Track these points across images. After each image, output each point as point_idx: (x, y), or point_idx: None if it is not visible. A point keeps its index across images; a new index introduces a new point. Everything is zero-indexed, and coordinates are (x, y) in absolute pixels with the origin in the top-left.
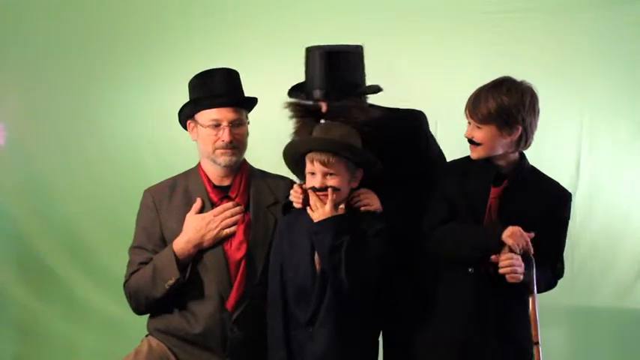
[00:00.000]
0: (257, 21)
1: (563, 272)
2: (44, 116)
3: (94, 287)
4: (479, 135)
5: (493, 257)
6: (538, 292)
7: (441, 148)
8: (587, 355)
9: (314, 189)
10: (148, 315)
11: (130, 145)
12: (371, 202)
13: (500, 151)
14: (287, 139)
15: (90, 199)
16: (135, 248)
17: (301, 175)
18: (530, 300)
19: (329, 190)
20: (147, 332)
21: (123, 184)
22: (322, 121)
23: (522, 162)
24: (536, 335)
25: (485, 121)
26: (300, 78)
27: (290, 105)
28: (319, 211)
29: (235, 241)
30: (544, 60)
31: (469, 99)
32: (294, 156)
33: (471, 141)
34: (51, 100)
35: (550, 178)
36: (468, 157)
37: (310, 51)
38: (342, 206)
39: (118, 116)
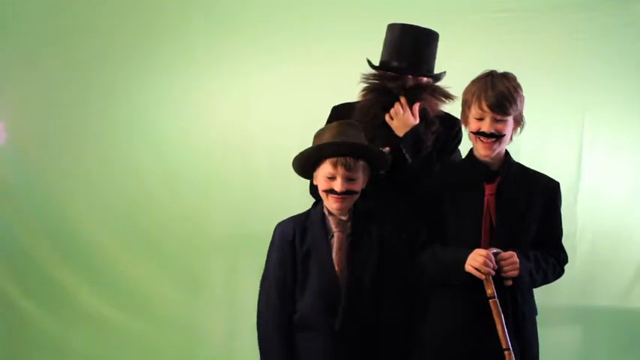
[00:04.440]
0: (258, 21)
1: (567, 258)
2: (44, 116)
3: (91, 288)
4: (502, 127)
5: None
6: (546, 282)
7: None
8: (588, 355)
9: (335, 192)
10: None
11: (130, 146)
12: None
13: (507, 144)
14: (295, 138)
15: (88, 200)
16: None
17: (306, 175)
18: (492, 305)
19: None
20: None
21: (121, 185)
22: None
23: (509, 158)
24: (505, 342)
25: (510, 112)
26: (300, 79)
27: (372, 76)
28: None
29: None
30: (544, 60)
31: (482, 92)
32: (314, 159)
33: (491, 135)
34: (51, 99)
35: (536, 171)
36: (455, 162)
37: (398, 26)
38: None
39: (117, 117)
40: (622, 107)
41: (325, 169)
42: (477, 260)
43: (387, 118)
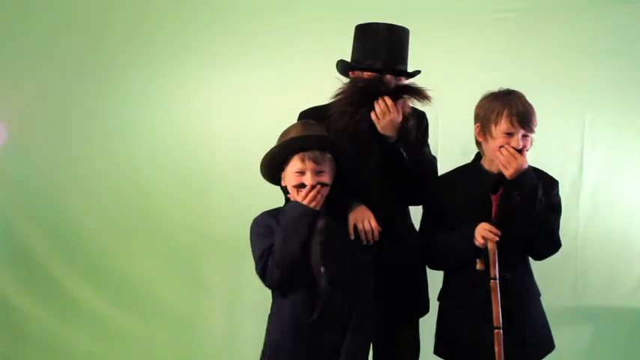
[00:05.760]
0: (253, 19)
1: (560, 242)
2: (44, 116)
3: (91, 289)
4: (527, 143)
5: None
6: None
7: (442, 144)
8: (591, 355)
9: (304, 186)
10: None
11: (129, 146)
12: None
13: None
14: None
15: (89, 200)
16: None
17: (274, 180)
18: (492, 285)
19: (318, 186)
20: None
21: (121, 184)
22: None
23: None
24: (497, 319)
25: (534, 130)
26: (299, 77)
27: (355, 79)
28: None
29: None
30: (545, 59)
31: (513, 109)
32: (282, 156)
33: (519, 150)
34: (51, 100)
35: (538, 170)
36: (460, 168)
37: (373, 25)
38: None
39: (117, 117)
40: (623, 107)
41: (294, 165)
42: (483, 228)
43: (373, 117)
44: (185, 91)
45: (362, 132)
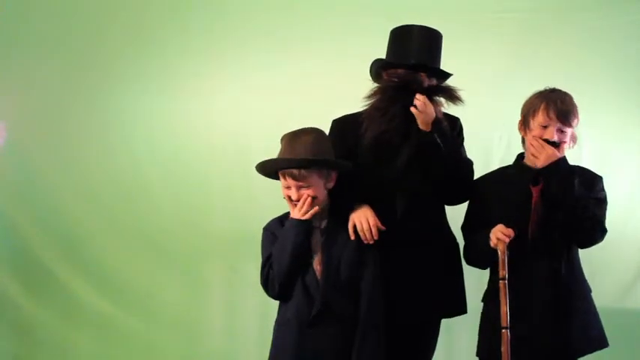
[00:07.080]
0: (254, 20)
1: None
2: (44, 116)
3: (92, 288)
4: (562, 137)
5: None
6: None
7: None
8: (588, 355)
9: (291, 200)
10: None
11: (129, 146)
12: None
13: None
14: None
15: (89, 200)
16: None
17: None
18: (501, 285)
19: (305, 195)
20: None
21: (121, 184)
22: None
23: None
24: (505, 319)
25: (572, 125)
26: (298, 76)
27: (390, 78)
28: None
29: None
30: (544, 59)
31: (551, 103)
32: (267, 173)
33: (553, 143)
34: (51, 100)
35: (578, 166)
36: (502, 168)
37: (408, 27)
38: (318, 208)
39: (117, 117)
40: (622, 107)
41: (281, 180)
42: (497, 229)
43: (414, 110)
44: (185, 91)
45: (394, 128)
